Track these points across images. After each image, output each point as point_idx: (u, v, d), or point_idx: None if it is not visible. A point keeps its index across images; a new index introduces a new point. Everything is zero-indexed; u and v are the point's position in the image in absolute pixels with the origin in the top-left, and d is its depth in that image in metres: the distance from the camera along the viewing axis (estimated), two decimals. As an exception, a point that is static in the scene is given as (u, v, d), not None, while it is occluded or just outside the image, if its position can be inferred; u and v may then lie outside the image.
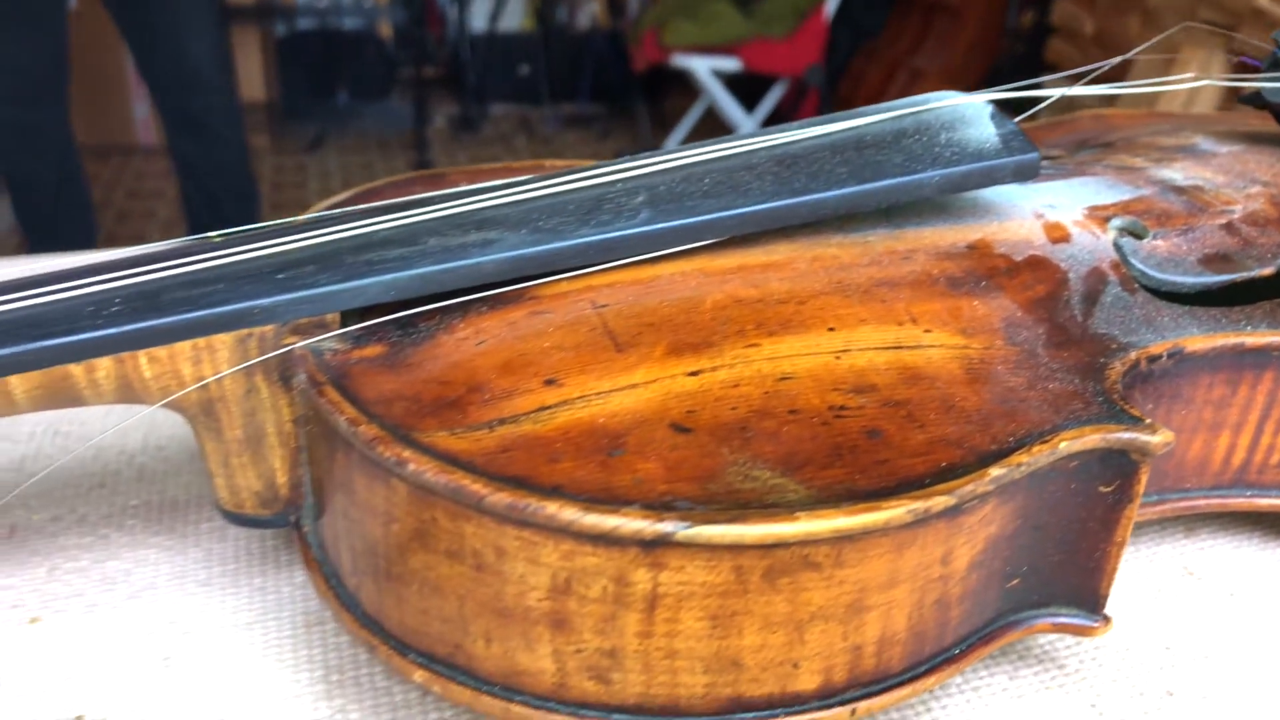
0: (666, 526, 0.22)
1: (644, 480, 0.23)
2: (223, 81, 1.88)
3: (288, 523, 0.31)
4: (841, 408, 0.26)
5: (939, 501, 0.23)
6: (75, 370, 0.27)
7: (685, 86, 3.56)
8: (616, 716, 0.25)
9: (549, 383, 0.26)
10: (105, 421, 0.42)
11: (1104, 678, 0.30)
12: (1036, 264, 0.32)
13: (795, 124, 0.34)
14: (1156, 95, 2.08)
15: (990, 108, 0.34)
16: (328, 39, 3.85)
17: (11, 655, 0.31)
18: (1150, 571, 0.35)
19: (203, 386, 0.28)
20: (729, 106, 3.15)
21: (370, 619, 0.27)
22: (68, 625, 0.32)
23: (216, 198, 2.00)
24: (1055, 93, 0.36)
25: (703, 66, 3.11)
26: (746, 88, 3.18)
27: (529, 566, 0.23)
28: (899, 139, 0.33)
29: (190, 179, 1.97)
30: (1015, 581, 0.28)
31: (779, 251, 0.32)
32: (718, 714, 0.25)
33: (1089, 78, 0.37)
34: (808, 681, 0.25)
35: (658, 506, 0.23)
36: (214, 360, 0.28)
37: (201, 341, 0.28)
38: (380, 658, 0.26)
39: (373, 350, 0.28)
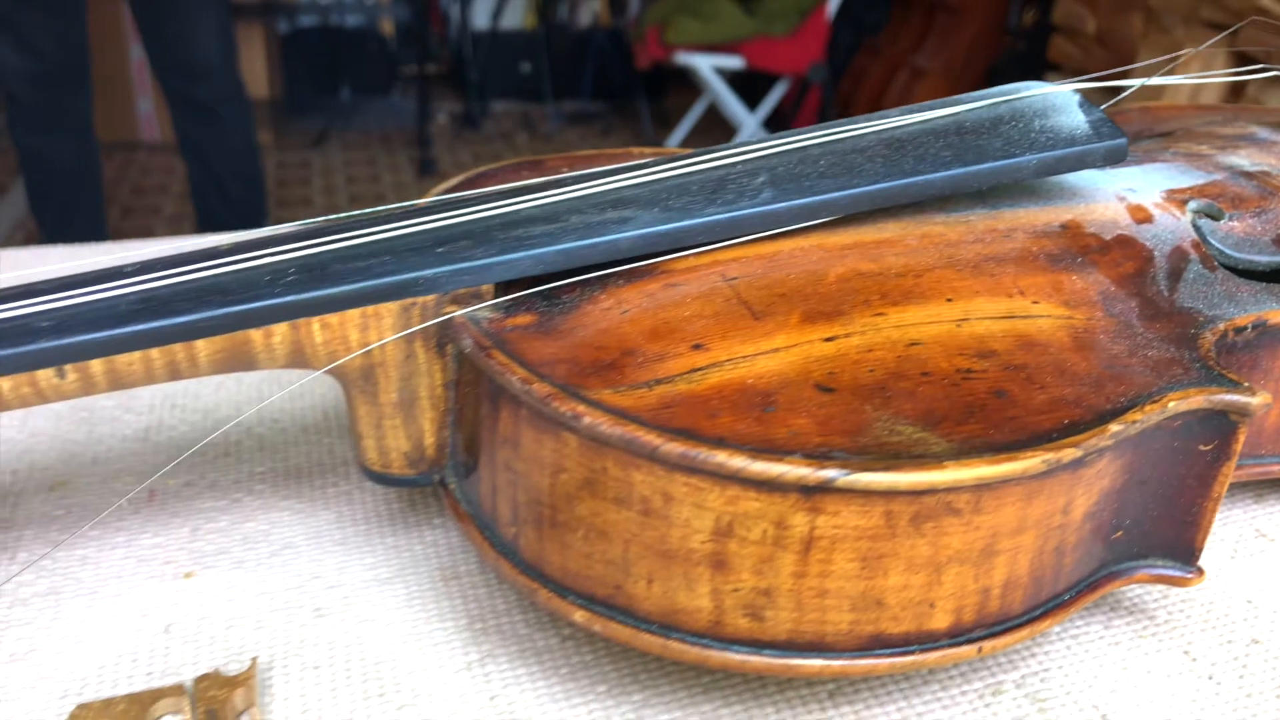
0: (828, 473, 0.24)
1: (799, 433, 0.26)
2: (230, 70, 1.90)
3: (431, 482, 0.33)
4: (968, 371, 0.28)
5: (1068, 453, 0.26)
6: (255, 335, 0.29)
7: (686, 84, 3.58)
8: (766, 652, 0.27)
9: (696, 347, 0.29)
10: (216, 395, 0.44)
11: (1193, 627, 0.33)
12: (1125, 243, 0.35)
13: (893, 110, 0.37)
14: (1161, 89, 2.08)
15: (1078, 96, 0.36)
16: (330, 36, 3.86)
17: (174, 606, 0.33)
18: (1225, 534, 0.37)
19: (366, 352, 0.30)
20: (732, 104, 3.17)
21: (529, 565, 0.29)
22: (220, 579, 0.34)
23: (225, 186, 2.02)
24: (1136, 83, 0.38)
25: (705, 64, 3.13)
26: (749, 86, 3.20)
27: (695, 511, 0.26)
28: (996, 125, 0.35)
29: (199, 167, 1.99)
30: (1119, 534, 0.30)
31: (888, 229, 0.34)
32: (858, 649, 0.27)
33: (1158, 72, 0.40)
34: (941, 621, 0.27)
35: (818, 455, 0.25)
36: (379, 327, 0.30)
37: (370, 309, 0.30)
38: (540, 601, 0.29)
39: (524, 319, 0.30)
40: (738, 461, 0.25)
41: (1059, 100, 0.36)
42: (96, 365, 0.28)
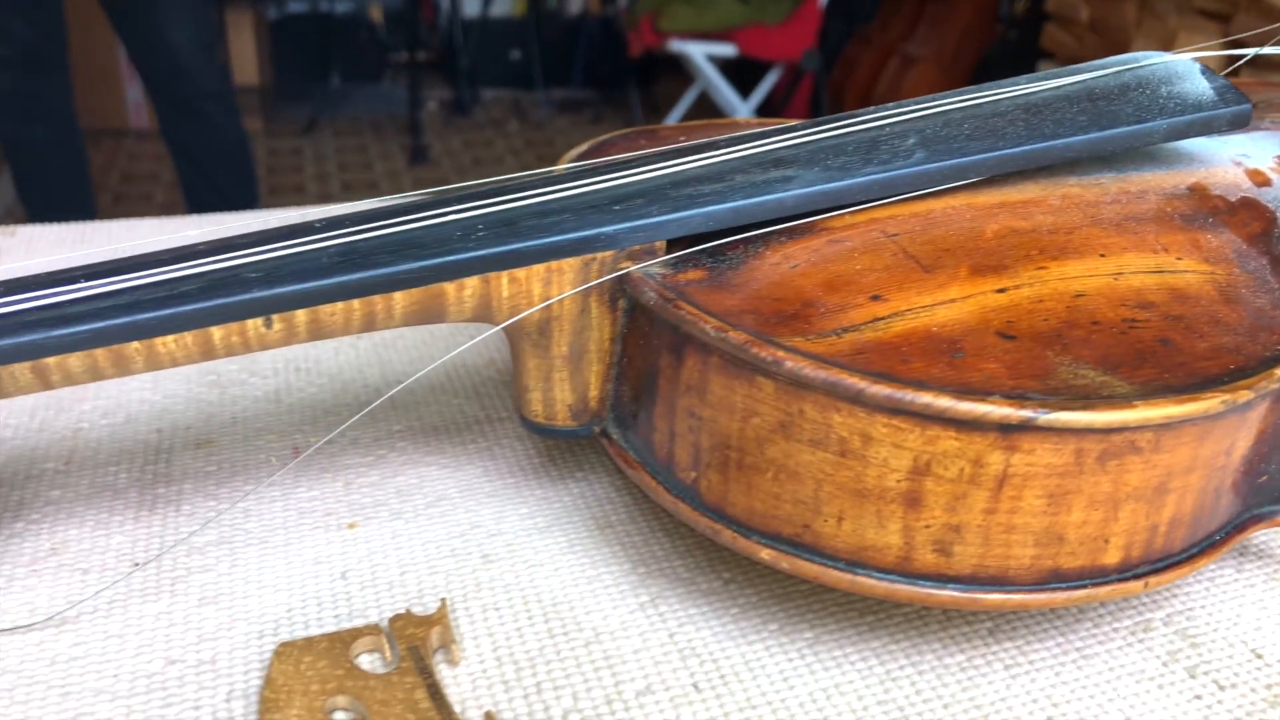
0: (1028, 413, 0.26)
1: (992, 377, 0.27)
2: (212, 68, 1.87)
3: (590, 433, 0.34)
4: (1133, 320, 0.30)
5: (1242, 395, 0.27)
6: (449, 288, 0.30)
7: (677, 71, 3.59)
8: (951, 586, 0.28)
9: (874, 298, 0.30)
10: (337, 360, 0.45)
11: (1318, 568, 0.35)
12: (1249, 204, 0.36)
13: (1020, 78, 0.38)
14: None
15: (1198, 65, 0.38)
16: (320, 22, 3.84)
17: (343, 554, 0.34)
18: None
19: (546, 306, 0.31)
20: (724, 92, 3.18)
21: (711, 507, 0.30)
22: (383, 529, 0.35)
23: (216, 179, 2.01)
24: (1250, 52, 0.40)
25: (698, 52, 3.14)
26: (740, 74, 3.21)
27: (893, 451, 0.27)
28: (1125, 92, 0.36)
29: (188, 164, 1.97)
30: (1264, 478, 0.32)
31: (1029, 190, 0.35)
32: (1036, 583, 0.29)
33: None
34: (1112, 556, 0.29)
35: (1015, 396, 0.26)
36: (560, 282, 0.31)
37: (554, 264, 0.31)
38: (724, 541, 0.30)
39: (695, 274, 0.31)
40: (943, 402, 0.26)
41: (1181, 68, 0.37)
42: (301, 315, 0.29)
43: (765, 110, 3.20)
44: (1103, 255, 0.32)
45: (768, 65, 3.14)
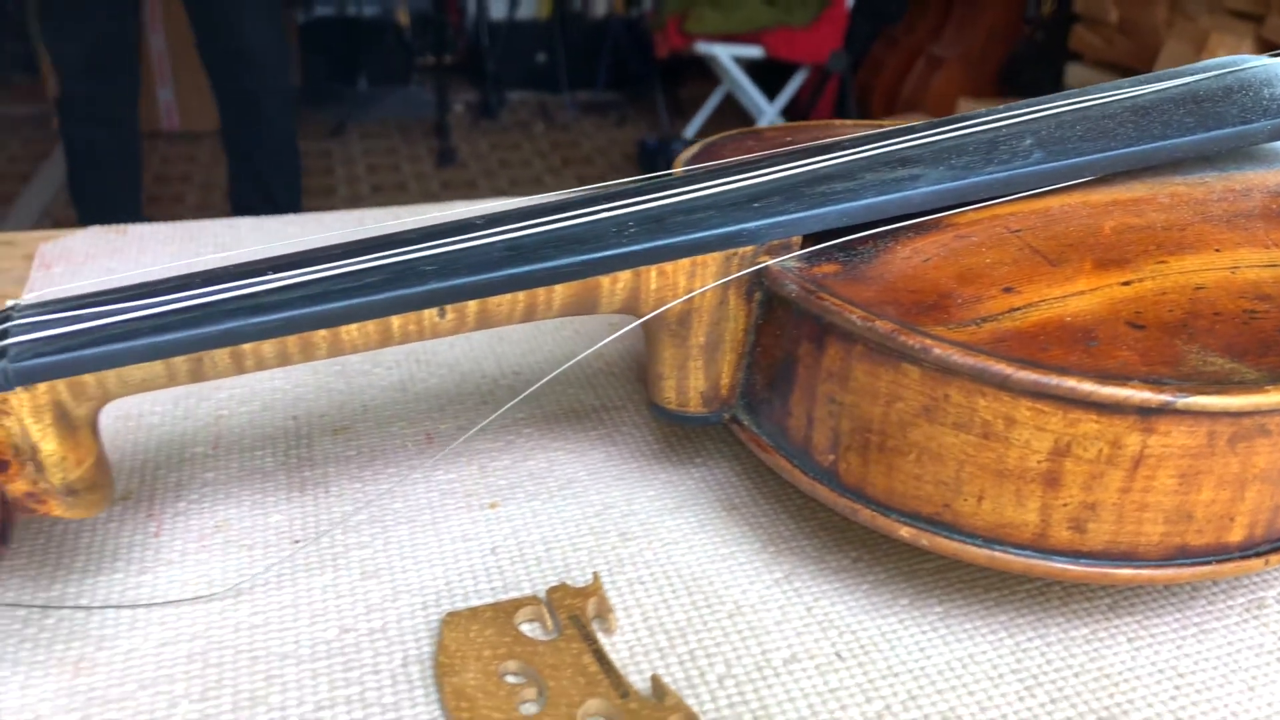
0: (1167, 396, 0.28)
1: (1127, 364, 0.29)
2: (278, 62, 1.92)
3: (720, 419, 0.36)
4: (1252, 312, 0.31)
5: (1364, 381, 0.29)
6: (605, 281, 0.32)
7: (702, 73, 3.61)
8: (1083, 561, 0.30)
9: (1007, 290, 0.32)
10: (453, 352, 0.47)
11: None
12: (1348, 203, 0.38)
13: (1123, 81, 0.40)
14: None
15: (1297, 70, 0.39)
16: (347, 26, 3.87)
17: (489, 532, 0.36)
18: None
19: (688, 299, 0.33)
20: (751, 94, 3.20)
21: (850, 488, 0.32)
22: (522, 509, 0.37)
23: (264, 178, 2.04)
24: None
25: (725, 54, 3.15)
26: (765, 76, 3.23)
27: (1035, 433, 0.29)
28: (1229, 94, 0.38)
29: (239, 159, 2.01)
30: (1372, 461, 0.33)
31: (1138, 189, 0.37)
32: (1164, 559, 0.30)
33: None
34: (1236, 534, 0.30)
35: (1153, 381, 0.28)
36: (703, 275, 0.33)
37: (700, 258, 0.33)
38: (862, 519, 0.32)
39: (829, 268, 0.33)
40: (1087, 387, 0.28)
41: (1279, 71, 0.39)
42: (472, 306, 0.31)
43: (791, 112, 3.21)
44: (1217, 250, 0.34)
45: (794, 67, 3.15)
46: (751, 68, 3.18)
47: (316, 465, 0.39)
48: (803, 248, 0.34)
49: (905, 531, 0.31)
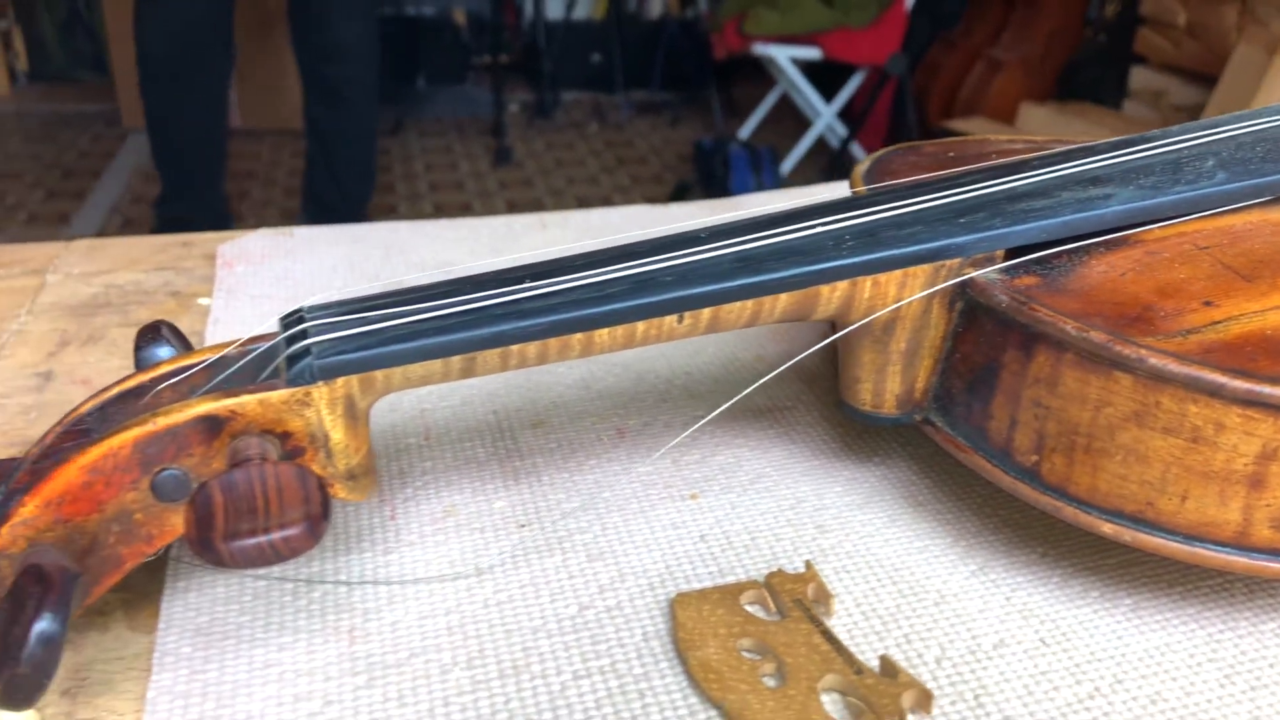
0: (1375, 405, 0.30)
1: (1331, 374, 0.31)
2: (367, 56, 1.97)
3: (911, 421, 0.39)
4: None
5: None
6: (824, 290, 0.35)
7: (757, 74, 3.62)
8: (1281, 557, 0.32)
9: (1207, 304, 0.34)
10: (625, 354, 0.50)
11: None
12: None
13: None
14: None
15: None
16: (406, 25, 3.93)
17: (695, 521, 0.38)
18: None
19: (895, 309, 0.36)
20: (809, 96, 3.20)
21: (1053, 487, 0.34)
22: (720, 501, 0.40)
23: (339, 167, 2.10)
24: None
25: (783, 55, 3.17)
26: (822, 77, 3.23)
27: (1243, 438, 0.31)
28: (1397, 119, 0.40)
29: (320, 146, 2.07)
30: None
31: (1313, 209, 0.39)
32: (1355, 558, 0.32)
33: None
34: None
35: (1360, 391, 0.30)
36: (912, 285, 0.36)
37: (911, 270, 0.35)
38: (1065, 517, 0.34)
39: (1029, 280, 0.36)
40: (1299, 395, 0.30)
41: None
42: (706, 313, 0.34)
43: (847, 115, 3.22)
44: (1401, 267, 0.36)
45: (850, 69, 3.16)
46: (808, 69, 3.20)
47: (524, 456, 0.42)
48: (1004, 261, 0.36)
49: (1108, 528, 0.33)
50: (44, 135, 3.31)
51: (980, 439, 0.36)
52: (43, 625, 0.26)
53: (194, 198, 2.02)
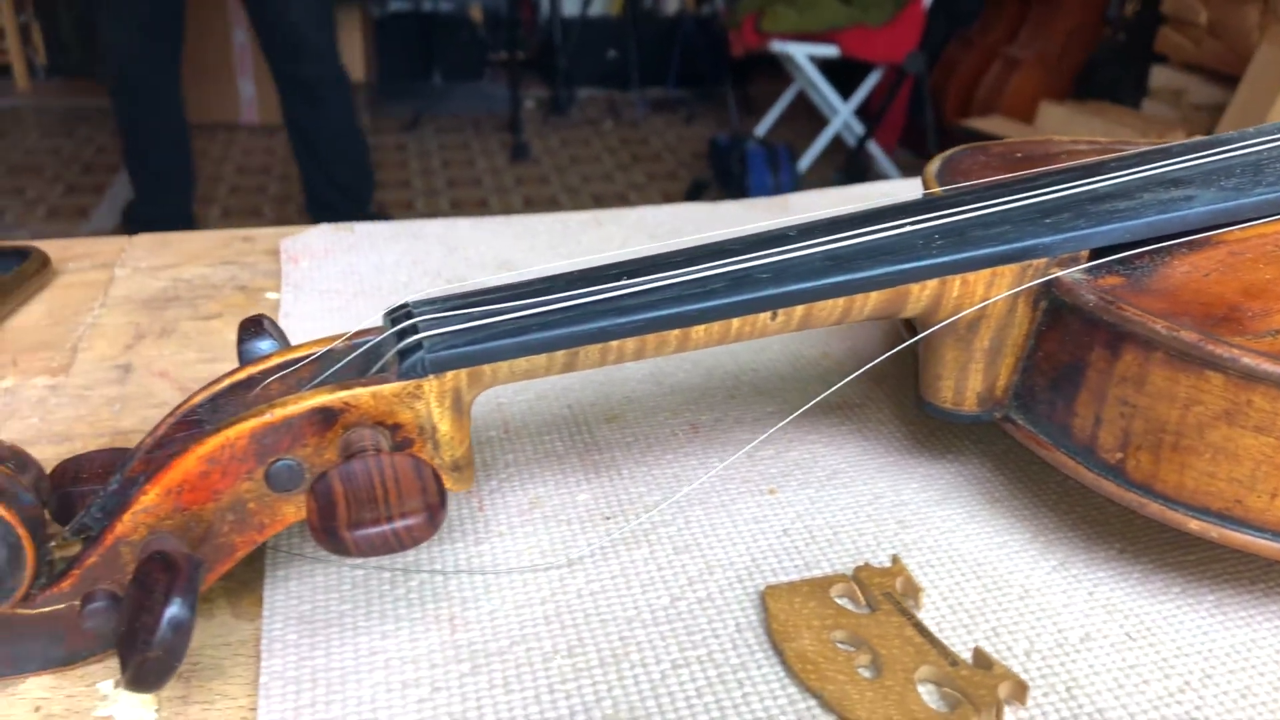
0: None
1: None
2: (330, 50, 2.06)
3: (990, 418, 0.39)
4: None
5: None
6: (914, 289, 0.35)
7: (772, 71, 3.62)
8: (1367, 555, 0.33)
9: (1292, 304, 0.34)
10: (688, 349, 0.51)
11: None
12: None
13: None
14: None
15: None
16: (422, 21, 3.94)
17: (776, 515, 0.39)
18: None
19: (982, 306, 0.36)
20: (826, 93, 3.20)
21: (1138, 484, 0.35)
22: (798, 496, 0.40)
23: (329, 165, 2.17)
24: None
25: (801, 53, 3.17)
26: (838, 75, 3.23)
27: (1334, 436, 0.31)
28: None
29: (305, 149, 2.14)
30: None
31: (1392, 211, 0.39)
32: None
33: None
34: None
35: None
36: (999, 284, 0.36)
37: (999, 269, 0.36)
38: (1150, 513, 0.34)
39: (1114, 280, 0.36)
40: (1393, 394, 0.30)
41: None
42: (799, 310, 0.34)
43: (863, 113, 3.22)
44: None
45: (867, 67, 3.16)
46: (824, 66, 3.19)
47: (602, 450, 0.42)
48: (1088, 261, 0.37)
49: (1194, 525, 0.34)
50: (63, 130, 3.33)
51: (1063, 436, 0.37)
52: (174, 610, 0.27)
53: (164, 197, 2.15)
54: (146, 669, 0.27)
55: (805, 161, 3.07)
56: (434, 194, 3.00)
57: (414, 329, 0.32)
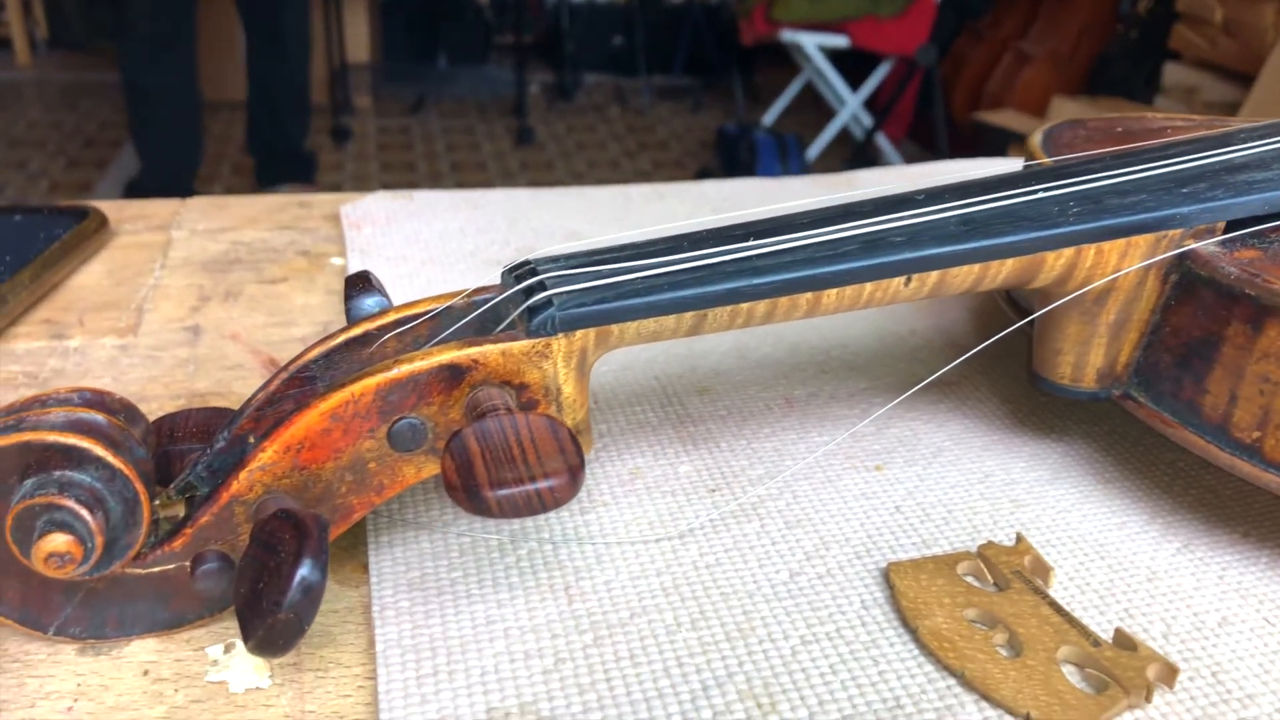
0: None
1: None
2: (302, 9, 2.25)
3: (1108, 396, 0.38)
4: None
5: None
6: (1049, 257, 0.34)
7: (779, 60, 3.60)
8: None
9: None
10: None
11: None
12: None
13: None
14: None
15: None
16: (428, 4, 3.90)
17: (885, 493, 0.38)
18: None
19: (1114, 278, 0.35)
20: (836, 84, 3.19)
21: (1276, 464, 0.34)
22: (905, 473, 0.39)
23: (278, 111, 2.38)
24: None
25: (811, 43, 3.15)
26: (846, 65, 3.22)
27: None
28: None
29: (259, 93, 2.35)
30: None
31: None
32: None
33: None
34: None
35: None
36: (1132, 255, 0.35)
37: (1134, 239, 0.34)
38: (1288, 494, 0.33)
39: (1250, 253, 0.35)
40: None
41: None
42: (933, 276, 0.33)
43: (870, 105, 3.20)
44: None
45: (876, 58, 3.14)
46: (832, 57, 3.18)
47: (697, 422, 0.41)
48: (1224, 233, 0.35)
49: (1334, 505, 0.33)
50: (65, 104, 3.30)
51: (1191, 414, 0.36)
52: (305, 571, 0.25)
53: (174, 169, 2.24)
54: (275, 632, 0.25)
55: (813, 152, 3.05)
56: (439, 177, 2.98)
57: (541, 285, 0.30)
